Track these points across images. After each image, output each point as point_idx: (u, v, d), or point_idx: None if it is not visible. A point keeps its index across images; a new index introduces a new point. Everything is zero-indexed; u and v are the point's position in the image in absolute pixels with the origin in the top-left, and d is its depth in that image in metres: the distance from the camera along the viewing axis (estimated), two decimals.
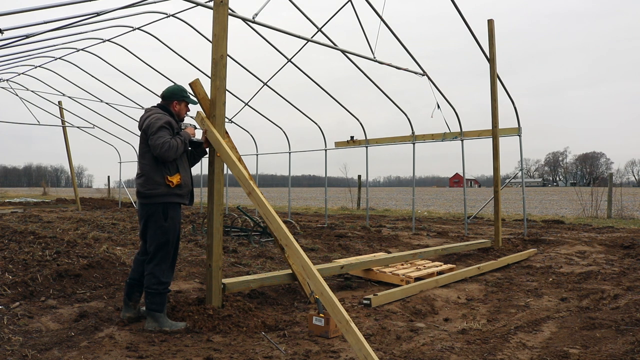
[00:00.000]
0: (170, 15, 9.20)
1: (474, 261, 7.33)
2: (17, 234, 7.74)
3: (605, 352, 3.33)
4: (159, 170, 3.81)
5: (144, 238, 3.94)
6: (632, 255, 7.59)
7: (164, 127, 3.79)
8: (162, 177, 3.80)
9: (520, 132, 9.89)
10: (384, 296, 4.74)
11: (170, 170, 3.86)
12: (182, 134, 3.91)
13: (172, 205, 3.85)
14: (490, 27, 8.72)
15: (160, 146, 3.68)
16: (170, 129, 3.82)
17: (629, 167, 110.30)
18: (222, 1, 4.24)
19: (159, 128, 3.76)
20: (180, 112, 4.10)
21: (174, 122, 3.90)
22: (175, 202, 3.87)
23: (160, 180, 3.79)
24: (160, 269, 3.81)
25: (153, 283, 3.77)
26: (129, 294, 3.93)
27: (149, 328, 3.72)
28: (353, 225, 12.27)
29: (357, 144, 12.70)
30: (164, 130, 3.77)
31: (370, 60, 8.78)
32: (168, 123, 3.82)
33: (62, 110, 17.26)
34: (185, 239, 8.68)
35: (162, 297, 3.79)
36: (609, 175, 18.96)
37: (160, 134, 3.74)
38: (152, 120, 3.83)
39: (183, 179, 3.89)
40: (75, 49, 11.42)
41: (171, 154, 3.73)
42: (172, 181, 3.81)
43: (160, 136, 3.73)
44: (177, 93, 4.07)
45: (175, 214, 3.89)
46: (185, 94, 4.10)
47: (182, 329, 3.74)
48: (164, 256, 3.84)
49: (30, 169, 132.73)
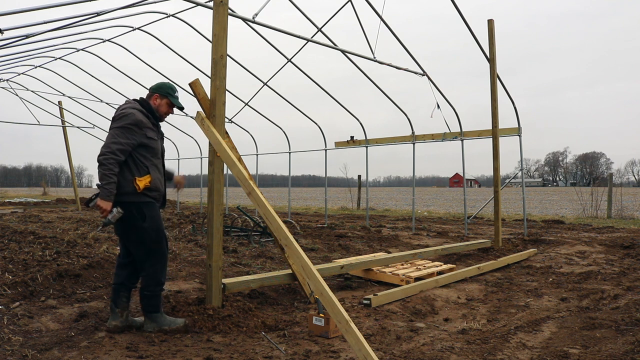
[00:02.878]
0: (170, 15, 9.20)
1: (474, 261, 7.33)
2: (17, 234, 7.74)
3: (605, 352, 3.33)
4: (128, 168, 3.54)
5: (122, 240, 3.73)
6: (632, 255, 7.59)
7: (126, 127, 3.49)
8: (132, 176, 3.53)
9: (520, 132, 9.90)
10: (384, 296, 4.74)
11: (139, 170, 3.56)
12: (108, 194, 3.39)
13: (146, 204, 3.58)
14: (490, 27, 8.72)
15: (104, 153, 3.40)
16: (134, 130, 3.51)
17: (629, 167, 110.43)
18: (222, 1, 4.24)
19: (120, 128, 3.48)
20: (159, 108, 3.78)
21: (144, 121, 3.58)
22: (148, 201, 3.60)
23: (130, 178, 3.52)
24: (155, 270, 3.66)
25: (151, 284, 3.64)
26: (115, 300, 3.69)
27: (149, 329, 3.64)
28: (353, 225, 12.27)
29: (357, 144, 12.70)
30: (124, 133, 3.47)
31: (370, 60, 8.78)
32: (135, 123, 3.51)
33: (62, 110, 17.27)
34: (185, 239, 8.68)
35: (158, 297, 3.70)
36: (609, 175, 18.97)
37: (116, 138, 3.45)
38: (121, 113, 3.55)
39: (153, 182, 3.61)
40: (75, 49, 11.42)
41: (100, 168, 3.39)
42: (139, 185, 3.52)
43: (114, 142, 3.44)
44: (162, 87, 3.81)
45: (154, 212, 3.63)
46: (170, 91, 3.82)
47: (181, 325, 3.67)
48: (157, 257, 3.67)
49: (30, 169, 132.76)
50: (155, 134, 3.71)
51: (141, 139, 3.56)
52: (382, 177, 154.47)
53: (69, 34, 9.20)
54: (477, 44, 8.85)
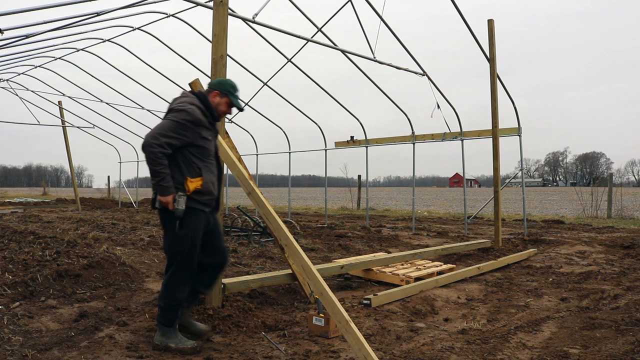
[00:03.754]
0: (170, 15, 9.20)
1: (474, 261, 7.33)
2: (17, 234, 7.74)
3: (605, 352, 3.33)
4: (179, 168, 3.27)
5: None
6: (632, 255, 7.58)
7: (181, 123, 3.20)
8: (182, 177, 3.26)
9: (520, 132, 9.90)
10: (384, 296, 4.74)
11: (191, 170, 3.29)
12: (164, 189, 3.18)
13: (191, 210, 3.28)
14: (490, 27, 8.72)
15: (151, 145, 3.13)
16: (190, 128, 3.24)
17: (629, 167, 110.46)
18: (222, 1, 4.24)
19: (175, 122, 3.21)
20: (218, 107, 3.48)
21: (202, 120, 3.30)
22: (195, 207, 3.30)
23: (180, 179, 3.26)
24: (173, 282, 3.36)
25: (165, 296, 3.36)
26: None
27: (156, 342, 3.39)
28: (353, 225, 12.27)
29: (357, 144, 12.70)
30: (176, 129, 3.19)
31: (370, 60, 8.78)
32: (192, 121, 3.24)
33: (62, 110, 17.26)
34: None
35: (173, 313, 3.37)
36: (609, 175, 18.97)
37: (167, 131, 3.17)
38: (179, 107, 3.26)
39: (205, 185, 3.32)
40: (75, 49, 11.42)
41: (149, 162, 3.15)
42: (189, 187, 3.25)
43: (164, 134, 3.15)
44: (224, 85, 3.52)
45: (195, 221, 3.31)
46: (232, 89, 3.52)
47: (188, 347, 3.33)
48: (178, 268, 3.35)
49: (30, 169, 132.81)
50: (211, 134, 3.44)
51: (195, 138, 3.28)
52: (382, 177, 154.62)
53: (69, 34, 9.20)
54: (477, 44, 8.85)
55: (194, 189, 3.27)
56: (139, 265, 6.10)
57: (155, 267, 6.17)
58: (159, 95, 13.99)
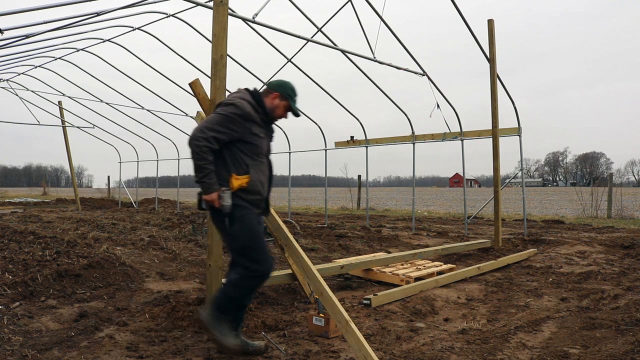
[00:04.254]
0: (170, 15, 9.20)
1: (474, 261, 7.33)
2: (17, 234, 7.74)
3: (605, 352, 3.33)
4: (225, 164, 3.10)
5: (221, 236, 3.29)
6: (632, 255, 7.58)
7: (229, 117, 3.05)
8: (227, 173, 3.08)
9: (520, 132, 9.90)
10: (384, 296, 4.74)
11: (237, 167, 3.10)
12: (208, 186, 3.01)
13: (236, 206, 3.06)
14: (490, 27, 8.72)
15: (197, 138, 2.97)
16: (239, 122, 3.06)
17: (629, 167, 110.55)
18: (222, 1, 4.24)
19: (223, 115, 3.05)
20: (276, 110, 3.30)
21: (252, 114, 3.12)
22: (241, 204, 3.09)
23: (225, 176, 3.08)
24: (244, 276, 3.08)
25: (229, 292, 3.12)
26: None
27: (202, 318, 3.12)
28: (353, 225, 12.27)
29: (357, 144, 12.70)
30: (224, 123, 3.03)
31: (370, 60, 8.78)
32: (241, 115, 3.06)
33: (62, 110, 17.26)
34: (185, 239, 8.68)
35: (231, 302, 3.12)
36: (609, 175, 18.97)
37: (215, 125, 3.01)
38: (228, 101, 3.13)
39: (252, 184, 3.10)
40: (75, 49, 11.42)
41: (193, 157, 3.00)
42: (233, 184, 3.05)
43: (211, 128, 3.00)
44: (285, 87, 3.33)
45: (246, 213, 3.09)
46: (292, 93, 3.34)
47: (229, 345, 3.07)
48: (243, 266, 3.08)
49: (30, 169, 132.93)
50: (262, 131, 3.24)
51: (244, 133, 3.09)
52: (382, 177, 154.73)
53: (69, 34, 9.20)
54: (477, 44, 8.85)
55: (239, 186, 3.07)
56: (139, 265, 6.11)
57: (155, 267, 6.17)
58: (159, 95, 13.99)
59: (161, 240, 8.15)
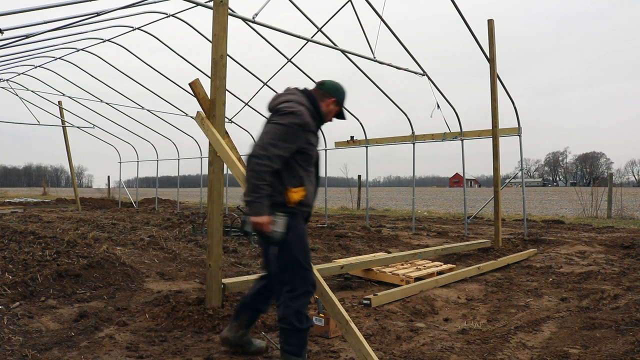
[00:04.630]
0: (170, 15, 9.20)
1: (474, 261, 7.33)
2: (17, 234, 7.74)
3: (605, 352, 3.33)
4: (280, 176, 2.83)
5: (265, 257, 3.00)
6: (632, 255, 7.59)
7: (291, 128, 2.78)
8: (282, 186, 2.84)
9: (520, 132, 9.90)
10: (384, 296, 4.74)
11: (293, 179, 2.85)
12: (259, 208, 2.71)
13: (291, 215, 2.84)
14: (490, 27, 8.72)
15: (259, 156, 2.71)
16: (299, 133, 2.81)
17: (629, 167, 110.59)
18: (222, 1, 4.24)
19: (284, 126, 2.77)
20: (328, 115, 3.14)
21: (311, 124, 2.90)
22: (295, 212, 2.87)
23: (281, 189, 2.83)
24: (296, 297, 2.82)
25: (287, 315, 2.80)
26: (238, 312, 3.22)
27: None
28: (353, 225, 12.27)
29: (357, 144, 12.71)
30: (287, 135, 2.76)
31: (370, 60, 8.78)
32: (302, 125, 2.81)
33: (62, 110, 17.27)
34: (185, 239, 8.68)
35: (302, 335, 2.83)
36: (609, 175, 18.97)
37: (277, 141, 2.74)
38: (288, 108, 2.82)
39: (307, 197, 2.92)
40: (75, 49, 11.42)
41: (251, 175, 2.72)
42: (292, 197, 2.82)
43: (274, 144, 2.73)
44: (342, 94, 3.14)
45: (297, 222, 2.86)
46: (344, 99, 3.19)
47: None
48: (298, 280, 2.84)
49: (30, 169, 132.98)
50: (316, 139, 3.06)
51: (302, 144, 2.86)
52: (382, 177, 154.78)
53: (69, 34, 9.20)
54: (477, 44, 8.85)
55: (298, 200, 2.84)
56: (139, 265, 6.11)
57: (155, 267, 6.18)
58: (159, 95, 13.99)
59: (161, 240, 8.15)
